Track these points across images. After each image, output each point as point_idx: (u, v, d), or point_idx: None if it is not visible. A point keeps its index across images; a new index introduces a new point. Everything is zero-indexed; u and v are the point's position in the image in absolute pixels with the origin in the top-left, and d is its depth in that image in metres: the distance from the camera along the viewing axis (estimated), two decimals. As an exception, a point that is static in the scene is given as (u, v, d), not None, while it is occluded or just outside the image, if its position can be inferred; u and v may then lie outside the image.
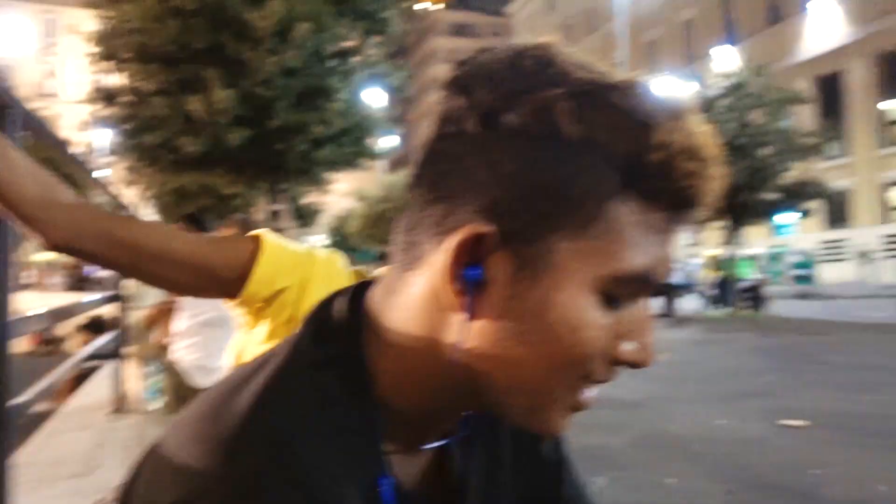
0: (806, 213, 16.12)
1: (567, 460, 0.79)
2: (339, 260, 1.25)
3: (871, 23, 26.64)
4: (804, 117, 19.76)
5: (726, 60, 22.33)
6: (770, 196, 15.18)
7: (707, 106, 15.34)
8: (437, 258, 0.52)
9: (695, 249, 32.64)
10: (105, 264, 1.02)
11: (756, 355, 8.60)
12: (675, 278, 16.72)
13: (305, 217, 19.42)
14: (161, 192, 16.13)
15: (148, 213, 17.88)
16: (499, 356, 0.53)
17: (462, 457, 0.66)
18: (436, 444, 0.63)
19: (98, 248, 0.96)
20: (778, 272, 22.37)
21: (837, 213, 27.48)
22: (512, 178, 0.50)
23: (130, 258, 0.98)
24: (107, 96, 10.61)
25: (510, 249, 0.51)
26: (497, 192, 0.50)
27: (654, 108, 0.51)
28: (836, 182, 19.88)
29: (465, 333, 0.52)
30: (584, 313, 0.51)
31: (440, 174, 0.53)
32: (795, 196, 15.12)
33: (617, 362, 0.54)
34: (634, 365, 0.55)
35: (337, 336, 0.58)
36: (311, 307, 0.61)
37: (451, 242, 0.51)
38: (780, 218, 17.73)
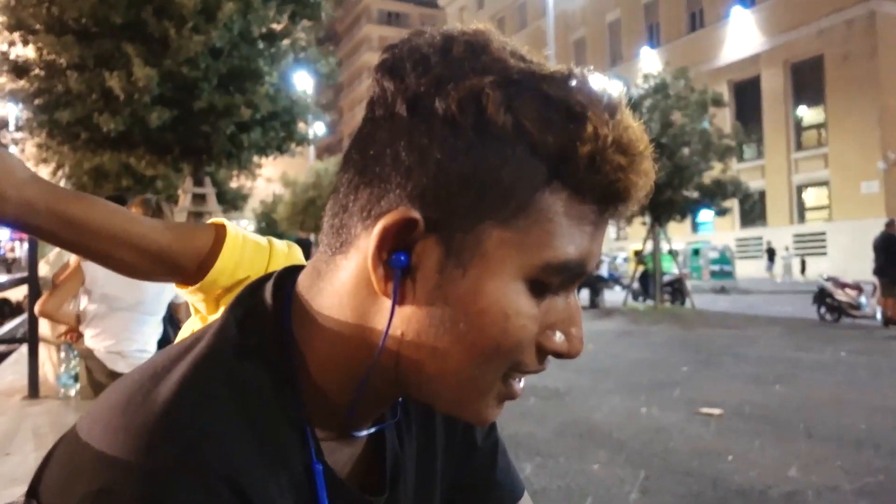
0: (722, 212, 16.75)
1: (499, 445, 0.79)
2: (298, 251, 1.23)
3: (784, 33, 27.93)
4: (722, 120, 20.51)
5: (649, 62, 22.95)
6: (691, 194, 15.71)
7: (632, 106, 15.70)
8: (366, 243, 0.51)
9: (620, 244, 33.58)
10: (58, 243, 0.97)
11: (676, 347, 8.89)
12: (601, 271, 17.15)
13: (231, 202, 18.92)
14: (77, 172, 15.38)
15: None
16: (426, 344, 0.52)
17: (395, 442, 0.65)
18: (369, 431, 0.61)
19: (52, 225, 0.92)
20: (697, 268, 23.22)
21: (752, 212, 28.77)
22: (440, 165, 0.49)
23: (85, 239, 0.94)
24: (15, 68, 9.99)
25: (438, 236, 0.50)
26: (425, 179, 0.49)
27: (587, 101, 0.50)
28: (752, 183, 20.74)
29: (393, 320, 0.51)
30: (514, 302, 0.50)
31: (370, 158, 0.52)
32: (714, 195, 15.71)
33: (546, 352, 0.54)
34: (563, 355, 0.54)
35: (263, 322, 0.56)
36: (238, 293, 0.59)
37: (379, 227, 0.50)
38: (699, 215, 18.40)
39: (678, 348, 8.77)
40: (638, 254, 17.77)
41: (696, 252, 23.75)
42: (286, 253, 1.18)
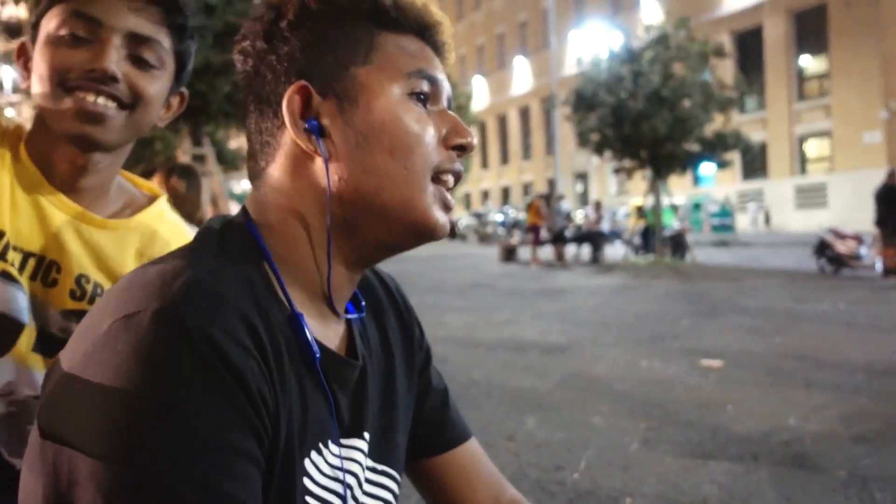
0: (723, 165, 16.64)
1: (448, 392, 0.92)
2: None
3: (789, -21, 27.35)
4: (724, 71, 20.24)
5: (650, 12, 22.54)
6: (692, 147, 15.59)
7: (632, 57, 15.50)
8: (283, 136, 0.68)
9: (621, 199, 33.46)
10: None
11: (677, 300, 8.95)
12: (602, 227, 17.15)
13: (231, 162, 18.80)
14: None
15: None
16: (359, 171, 0.65)
17: (361, 330, 0.77)
18: (349, 316, 0.74)
19: None
20: (698, 221, 23.20)
21: (753, 164, 28.59)
22: (303, 54, 0.67)
23: None
24: (7, 29, 9.84)
25: (329, 94, 0.66)
26: (300, 67, 0.67)
27: None
28: (753, 135, 20.57)
29: (330, 170, 0.65)
30: (400, 107, 0.66)
31: (259, 88, 0.69)
32: (715, 147, 15.58)
33: (453, 150, 0.70)
34: (464, 146, 0.71)
35: (231, 223, 0.69)
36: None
37: (285, 103, 0.66)
38: (700, 169, 18.29)
39: (679, 301, 8.83)
40: (639, 209, 17.73)
41: (696, 206, 23.69)
42: None
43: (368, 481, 0.74)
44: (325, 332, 0.70)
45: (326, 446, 0.66)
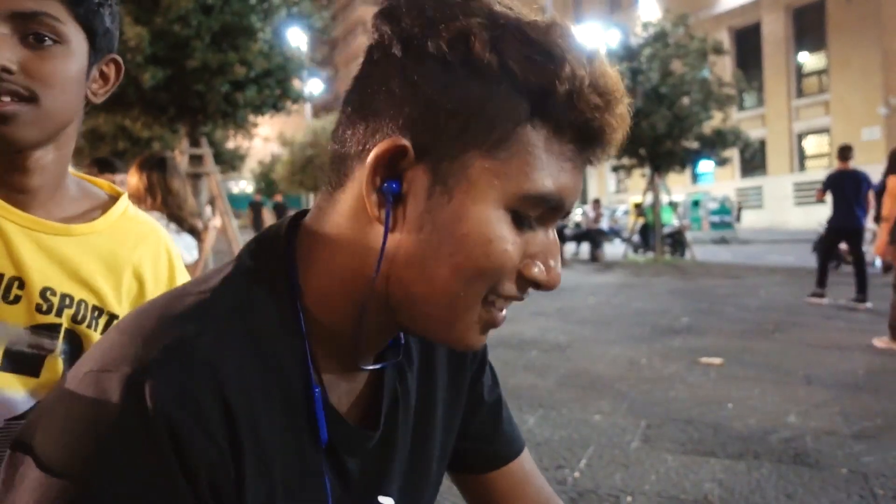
0: (722, 162, 16.63)
1: (502, 401, 0.85)
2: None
3: (788, -24, 27.34)
4: (723, 68, 20.22)
5: (648, 10, 22.53)
6: (690, 144, 15.58)
7: (631, 55, 15.49)
8: (361, 174, 0.56)
9: (620, 197, 33.46)
10: None
11: (676, 298, 8.94)
12: (601, 225, 17.13)
13: (229, 162, 18.80)
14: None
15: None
16: (415, 266, 0.56)
17: (395, 382, 0.69)
18: (373, 367, 0.66)
19: None
20: (697, 219, 23.19)
21: (753, 161, 28.60)
22: (428, 97, 0.54)
23: None
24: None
25: (426, 165, 0.55)
26: (415, 111, 0.54)
27: (566, 45, 0.54)
28: (752, 132, 20.57)
29: (386, 244, 0.56)
30: (495, 227, 0.54)
31: (366, 95, 0.57)
32: (714, 145, 15.56)
33: (526, 281, 0.58)
34: (542, 284, 0.59)
35: (271, 253, 0.61)
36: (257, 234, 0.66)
37: (372, 155, 0.55)
38: (699, 166, 18.28)
39: (678, 299, 8.82)
40: (638, 206, 17.71)
41: (695, 203, 23.68)
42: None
43: None
44: (346, 384, 0.64)
45: None
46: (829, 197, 8.35)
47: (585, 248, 16.81)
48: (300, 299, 0.59)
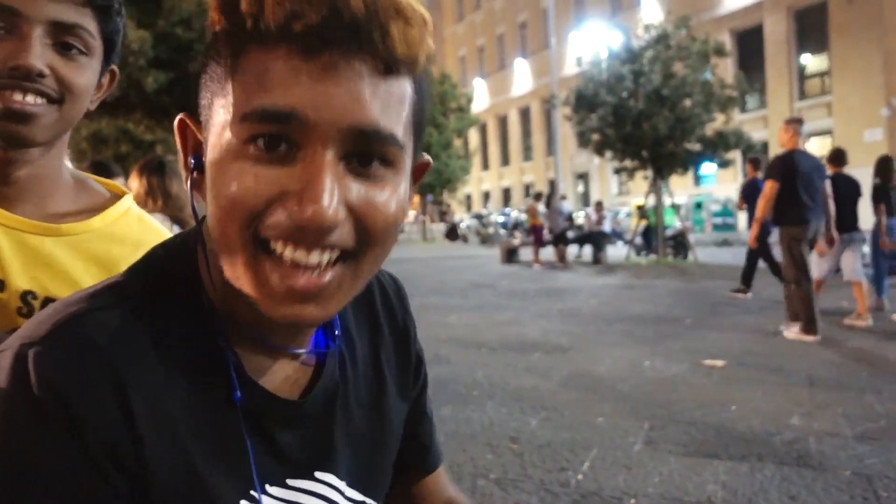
0: (725, 164, 16.59)
1: (433, 417, 0.89)
2: None
3: (789, -23, 27.32)
4: (725, 70, 20.21)
5: (650, 11, 22.53)
6: (693, 147, 15.56)
7: (633, 57, 15.49)
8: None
9: (622, 199, 33.44)
10: None
11: (679, 300, 8.93)
12: (604, 227, 17.12)
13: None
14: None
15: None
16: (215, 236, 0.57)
17: (335, 372, 0.70)
18: (298, 351, 0.66)
19: None
20: (700, 221, 23.16)
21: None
22: (203, 74, 0.58)
23: None
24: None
25: (197, 123, 0.59)
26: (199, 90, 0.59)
27: None
28: (754, 134, 20.53)
29: (199, 215, 0.61)
30: (229, 155, 0.53)
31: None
32: (716, 147, 15.54)
33: (287, 216, 0.51)
34: (300, 222, 0.51)
35: (190, 232, 0.64)
36: None
37: (177, 137, 0.62)
38: (702, 168, 18.25)
39: (681, 301, 8.81)
40: (640, 208, 17.69)
41: (698, 205, 23.64)
42: None
43: None
44: (271, 369, 0.64)
45: (265, 492, 0.62)
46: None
47: (588, 250, 16.80)
48: (206, 285, 0.61)
